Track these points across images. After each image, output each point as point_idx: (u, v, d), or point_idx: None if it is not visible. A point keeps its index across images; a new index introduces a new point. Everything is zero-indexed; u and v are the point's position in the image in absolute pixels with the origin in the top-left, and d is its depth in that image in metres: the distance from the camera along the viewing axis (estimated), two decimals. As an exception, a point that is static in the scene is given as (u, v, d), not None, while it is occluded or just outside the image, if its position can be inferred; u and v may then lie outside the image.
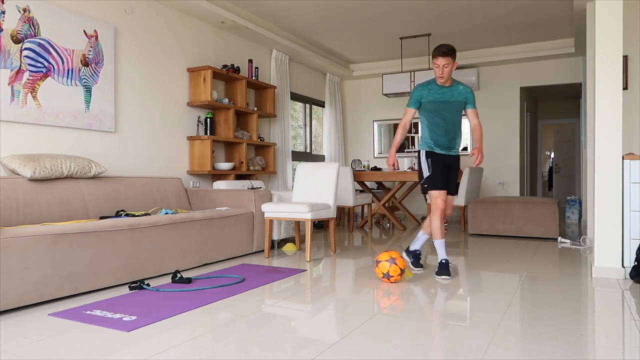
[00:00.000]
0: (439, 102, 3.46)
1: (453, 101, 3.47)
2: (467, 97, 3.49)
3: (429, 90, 3.48)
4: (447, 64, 3.35)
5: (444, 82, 3.44)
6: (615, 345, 1.97)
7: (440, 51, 3.35)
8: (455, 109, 3.49)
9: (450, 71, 3.38)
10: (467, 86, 3.53)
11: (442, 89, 3.47)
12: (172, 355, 1.89)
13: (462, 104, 3.50)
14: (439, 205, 3.42)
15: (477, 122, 3.54)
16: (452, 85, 3.49)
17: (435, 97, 3.46)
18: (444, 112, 3.47)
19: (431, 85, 3.50)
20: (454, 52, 3.36)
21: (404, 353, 1.89)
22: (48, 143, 3.69)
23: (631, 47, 4.88)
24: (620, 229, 3.31)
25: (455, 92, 3.48)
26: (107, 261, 2.96)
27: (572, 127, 10.19)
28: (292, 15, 5.62)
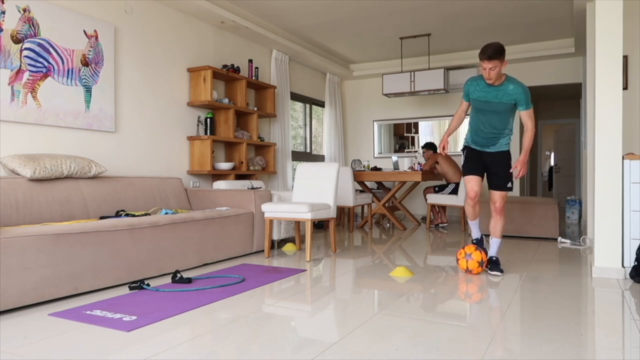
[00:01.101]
0: (481, 101, 3.36)
1: (496, 102, 3.31)
2: (516, 98, 3.27)
3: (475, 86, 3.38)
4: (494, 67, 3.16)
5: (492, 82, 3.28)
6: (615, 345, 1.97)
7: (486, 54, 3.14)
8: (497, 110, 3.34)
9: (497, 72, 3.19)
10: (520, 86, 3.27)
11: (488, 88, 3.32)
12: (172, 355, 1.89)
13: (507, 105, 3.31)
14: (469, 192, 3.47)
15: (528, 126, 3.33)
16: (501, 84, 3.28)
17: (478, 96, 3.37)
18: (486, 112, 3.38)
19: (479, 81, 3.36)
20: (500, 54, 3.14)
21: (404, 353, 1.89)
22: (48, 143, 3.69)
23: (631, 47, 4.88)
24: (620, 229, 3.31)
25: (501, 93, 3.29)
26: (107, 261, 2.96)
27: (572, 127, 10.20)
28: (292, 15, 5.62)
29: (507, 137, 3.46)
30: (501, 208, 3.48)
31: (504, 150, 3.48)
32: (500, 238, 3.56)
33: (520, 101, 3.28)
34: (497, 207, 3.48)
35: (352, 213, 6.07)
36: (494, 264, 3.48)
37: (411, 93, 6.72)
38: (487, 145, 3.48)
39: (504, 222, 3.54)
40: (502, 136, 3.44)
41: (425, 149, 6.52)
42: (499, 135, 3.43)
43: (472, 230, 3.72)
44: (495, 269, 3.43)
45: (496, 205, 3.48)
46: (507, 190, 3.47)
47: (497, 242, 3.57)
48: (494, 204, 3.49)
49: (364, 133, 8.50)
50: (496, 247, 3.57)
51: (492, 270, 3.44)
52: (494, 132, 3.41)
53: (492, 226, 3.56)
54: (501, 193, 3.46)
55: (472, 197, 3.48)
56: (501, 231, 3.55)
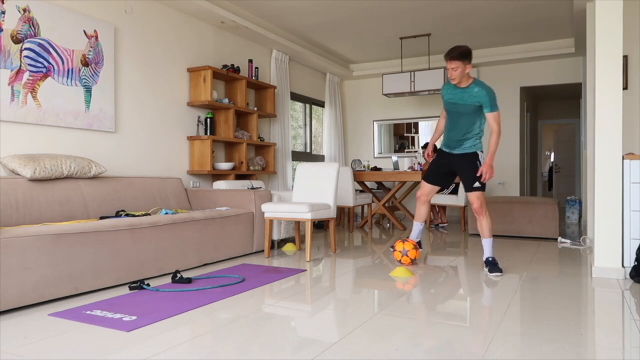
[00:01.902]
0: (450, 103, 3.55)
1: (462, 104, 3.46)
2: (480, 100, 3.41)
3: (447, 89, 3.58)
4: (456, 67, 3.34)
5: (456, 83, 3.44)
6: (615, 345, 1.97)
7: (449, 55, 3.36)
8: (463, 112, 3.47)
9: (460, 73, 3.36)
10: (485, 88, 3.40)
11: (455, 90, 3.49)
12: (172, 355, 1.89)
13: (472, 107, 3.44)
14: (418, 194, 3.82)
15: (494, 128, 3.42)
16: (467, 86, 3.44)
17: (448, 98, 3.55)
18: (453, 114, 3.54)
19: (450, 85, 3.55)
20: (464, 56, 3.33)
21: (404, 353, 1.89)
22: (48, 143, 3.69)
23: (631, 47, 4.88)
24: (620, 229, 3.31)
25: (467, 95, 3.44)
26: (107, 261, 2.96)
27: (572, 127, 10.20)
28: (292, 15, 5.62)
29: (473, 139, 3.54)
30: (479, 208, 3.51)
31: (469, 152, 3.55)
32: (490, 237, 3.56)
33: (485, 103, 3.40)
34: (475, 207, 3.54)
35: (352, 213, 6.07)
36: (492, 265, 3.44)
37: (411, 93, 6.72)
38: (455, 147, 3.60)
39: (488, 221, 3.55)
40: (468, 138, 3.53)
41: (425, 149, 6.52)
42: (466, 137, 3.54)
43: (413, 231, 3.94)
44: (495, 270, 3.39)
45: (474, 207, 3.54)
46: (476, 190, 3.49)
47: (488, 242, 3.56)
48: (472, 206, 3.56)
49: (364, 133, 8.50)
50: (489, 247, 3.55)
51: (492, 272, 3.39)
52: (460, 134, 3.53)
53: (478, 228, 3.62)
54: (474, 194, 3.51)
55: (417, 197, 3.82)
56: (488, 230, 3.55)
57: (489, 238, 3.55)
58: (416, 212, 3.88)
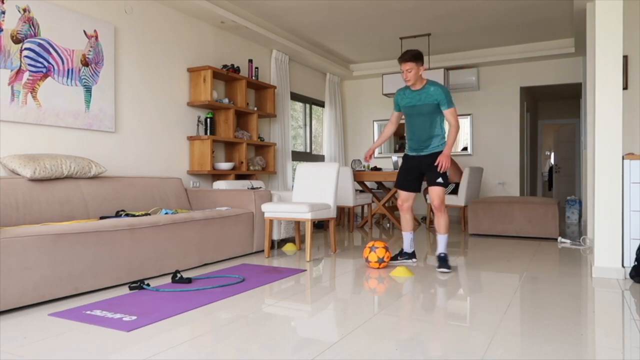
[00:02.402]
0: (409, 107, 3.65)
1: (421, 104, 3.58)
2: (437, 98, 3.53)
3: (403, 95, 3.68)
4: (410, 69, 3.50)
5: (411, 85, 3.58)
6: (615, 345, 1.97)
7: (403, 57, 3.51)
8: (424, 112, 3.58)
9: (414, 75, 3.51)
10: (440, 87, 3.55)
11: (412, 93, 3.61)
12: (172, 355, 1.89)
13: (431, 106, 3.56)
14: (399, 202, 3.81)
15: (452, 122, 3.56)
16: (422, 88, 3.57)
17: (406, 102, 3.66)
18: (414, 116, 3.63)
19: (406, 90, 3.67)
20: (417, 58, 3.49)
21: (404, 353, 1.89)
22: (48, 143, 3.69)
23: (631, 47, 4.88)
24: (620, 229, 3.31)
25: (423, 95, 3.57)
26: (107, 261, 2.96)
27: (572, 127, 10.20)
28: (292, 15, 5.62)
29: (439, 138, 3.64)
30: (439, 205, 3.60)
31: (438, 151, 3.64)
32: (445, 234, 3.64)
33: (442, 100, 3.54)
34: (436, 204, 3.60)
35: (352, 213, 6.07)
36: (442, 261, 3.53)
37: (411, 93, 6.71)
38: (421, 149, 3.67)
39: (445, 219, 3.63)
40: (433, 137, 3.62)
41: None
42: (431, 137, 3.62)
43: (404, 242, 3.87)
44: (444, 266, 3.48)
45: (434, 203, 3.61)
46: (438, 185, 3.58)
47: (443, 239, 3.63)
48: (432, 202, 3.62)
49: (364, 133, 8.50)
50: (443, 244, 3.63)
51: (440, 268, 3.48)
52: (425, 135, 3.61)
53: (435, 224, 3.69)
54: (435, 189, 3.58)
55: (399, 206, 3.81)
56: (445, 227, 3.63)
57: (445, 235, 3.63)
58: (402, 222, 3.87)
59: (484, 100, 7.59)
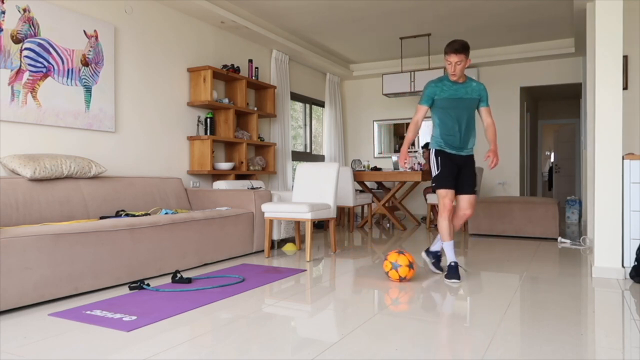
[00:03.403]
0: (452, 100, 3.34)
1: (467, 98, 3.35)
2: (480, 94, 3.38)
3: (442, 86, 3.36)
4: (460, 61, 3.25)
5: (456, 79, 3.33)
6: (615, 345, 1.97)
7: (453, 48, 3.23)
8: (468, 107, 3.37)
9: (462, 68, 3.27)
10: (480, 83, 3.43)
11: (456, 86, 3.35)
12: (172, 355, 1.89)
13: (475, 101, 3.38)
14: (446, 205, 3.31)
15: (490, 120, 3.43)
16: (465, 81, 3.37)
17: (448, 94, 3.35)
18: (457, 110, 3.35)
19: (444, 81, 3.38)
20: (467, 49, 3.25)
21: (404, 353, 1.89)
22: (48, 143, 3.69)
23: (631, 47, 4.88)
24: (620, 229, 3.31)
25: (469, 89, 3.36)
26: (107, 261, 2.96)
27: (572, 127, 10.19)
28: (292, 15, 5.62)
29: (475, 137, 3.47)
30: (471, 215, 3.41)
31: (472, 154, 3.48)
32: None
33: (484, 97, 3.41)
34: (469, 214, 3.38)
35: (352, 213, 6.07)
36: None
37: (411, 93, 6.72)
38: (462, 148, 3.40)
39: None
40: (471, 136, 3.43)
41: (425, 149, 6.52)
42: (470, 136, 3.42)
43: (449, 254, 3.33)
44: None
45: (468, 213, 3.38)
46: (474, 194, 3.42)
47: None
48: (463, 211, 3.37)
49: (364, 133, 8.50)
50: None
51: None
52: (467, 132, 3.39)
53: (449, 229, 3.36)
54: (471, 197, 3.37)
55: (449, 209, 3.32)
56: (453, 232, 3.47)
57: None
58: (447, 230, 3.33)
59: (484, 100, 7.58)
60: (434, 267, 3.50)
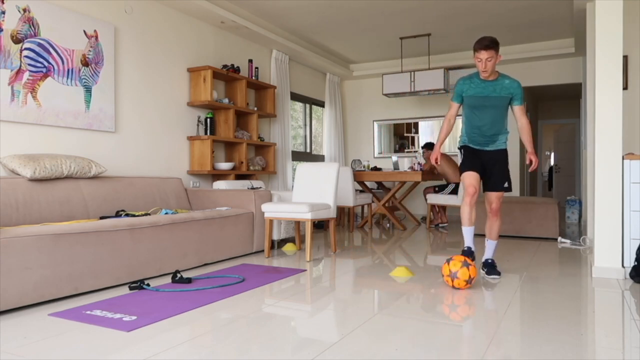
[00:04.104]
0: (478, 97, 3.31)
1: (494, 96, 3.27)
2: (512, 92, 3.26)
3: (470, 84, 3.33)
4: (490, 57, 3.15)
5: (487, 76, 3.26)
6: (615, 345, 1.97)
7: (483, 44, 3.14)
8: (496, 105, 3.29)
9: (493, 65, 3.19)
10: (515, 80, 3.28)
11: (484, 83, 3.29)
12: (172, 355, 1.89)
13: (505, 99, 3.28)
14: (467, 188, 3.31)
15: (524, 121, 3.32)
16: (496, 79, 3.28)
17: (475, 92, 3.31)
18: (483, 108, 3.32)
19: (473, 78, 3.33)
20: (497, 45, 3.16)
21: (404, 353, 1.89)
22: (48, 143, 3.69)
23: (631, 47, 4.88)
24: (620, 229, 3.31)
25: (498, 87, 3.27)
26: (107, 261, 2.96)
27: (572, 127, 10.19)
28: (292, 15, 5.62)
29: (505, 134, 3.40)
30: (498, 209, 3.38)
31: (503, 148, 3.41)
32: (497, 240, 3.45)
33: (517, 95, 3.29)
34: (494, 208, 3.37)
35: (352, 213, 6.07)
36: (490, 267, 3.35)
37: (411, 93, 6.72)
38: (487, 143, 3.40)
39: (500, 224, 3.43)
40: (501, 133, 3.38)
41: (425, 149, 6.53)
42: (499, 132, 3.37)
43: (466, 238, 3.43)
44: (493, 272, 3.31)
45: (493, 207, 3.37)
46: (504, 191, 3.37)
47: (494, 245, 3.45)
48: (490, 205, 3.38)
49: (364, 133, 8.50)
50: (492, 249, 3.45)
51: (490, 275, 3.31)
52: (494, 129, 3.35)
53: (488, 228, 3.45)
54: (498, 194, 3.36)
55: (471, 194, 3.31)
56: (497, 233, 3.44)
57: (496, 240, 3.43)
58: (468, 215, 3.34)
59: (484, 100, 7.58)
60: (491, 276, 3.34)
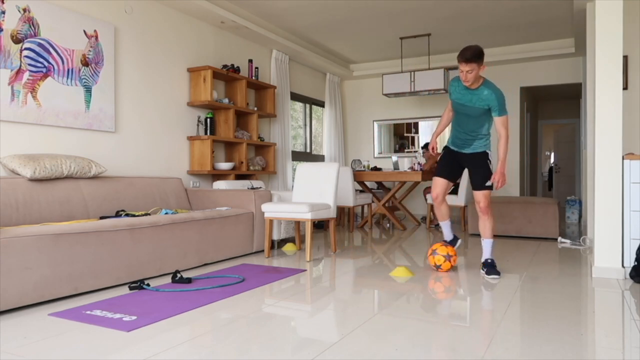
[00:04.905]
0: (458, 104, 3.41)
1: (470, 106, 3.33)
2: (489, 104, 3.27)
3: (455, 87, 3.41)
4: (471, 70, 3.16)
5: (469, 85, 3.29)
6: (615, 345, 1.97)
7: (464, 57, 3.15)
8: (472, 114, 3.36)
9: (474, 76, 3.20)
10: (495, 91, 3.25)
11: (465, 91, 3.34)
12: (172, 355, 1.89)
13: (480, 110, 3.31)
14: (432, 193, 3.60)
15: (502, 133, 3.30)
16: (477, 88, 3.28)
17: (456, 97, 3.40)
18: (461, 114, 3.43)
19: (459, 83, 3.38)
20: (478, 57, 3.15)
21: (404, 353, 1.89)
22: (48, 143, 3.69)
23: (631, 47, 4.88)
24: (620, 229, 3.31)
25: (475, 97, 3.29)
26: (107, 261, 2.96)
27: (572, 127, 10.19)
28: (292, 15, 5.62)
29: (483, 140, 3.47)
30: (485, 208, 3.42)
31: (480, 151, 3.48)
32: (491, 238, 3.47)
33: (494, 107, 3.27)
34: (481, 207, 3.44)
35: (352, 213, 6.07)
36: (490, 267, 3.38)
37: (411, 93, 6.72)
38: (463, 146, 3.52)
39: (492, 222, 3.47)
40: (476, 139, 3.46)
41: (425, 149, 6.52)
42: (474, 138, 3.46)
43: (444, 232, 3.78)
44: (493, 272, 3.32)
45: (480, 206, 3.43)
46: (486, 189, 3.41)
47: (489, 243, 3.47)
48: (477, 204, 3.45)
49: (364, 133, 8.50)
50: (489, 249, 3.47)
51: (490, 274, 3.33)
52: (468, 135, 3.45)
53: (481, 227, 3.51)
54: (482, 192, 3.41)
55: (434, 198, 3.59)
56: (490, 231, 3.47)
57: (491, 239, 3.47)
58: (437, 213, 3.66)
59: (484, 100, 7.58)
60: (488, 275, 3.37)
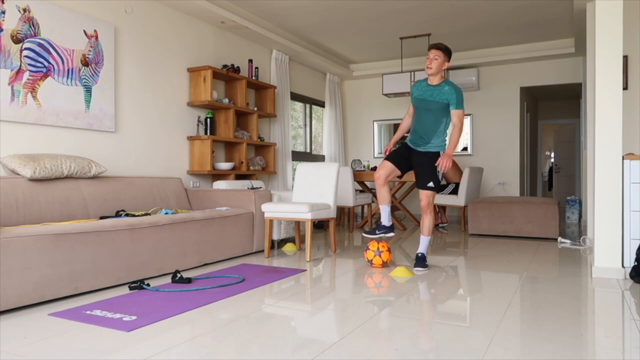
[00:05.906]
0: (420, 100, 3.61)
1: (431, 100, 3.55)
2: (448, 97, 3.49)
3: (418, 86, 3.66)
4: (437, 57, 3.45)
5: (431, 73, 3.50)
6: (615, 345, 1.97)
7: (434, 45, 3.48)
8: (431, 109, 3.55)
9: (438, 65, 3.46)
10: (454, 87, 3.51)
11: (427, 87, 3.58)
12: (172, 355, 1.89)
13: (441, 104, 3.53)
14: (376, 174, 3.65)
15: (456, 123, 3.51)
16: (438, 84, 3.54)
17: (418, 94, 3.62)
18: (422, 110, 3.61)
19: (422, 82, 3.65)
20: (446, 50, 3.47)
21: (404, 353, 1.89)
22: (48, 143, 3.69)
23: (631, 47, 4.88)
24: (620, 229, 3.31)
25: (436, 92, 3.53)
26: (107, 261, 2.96)
27: (572, 127, 10.19)
28: (292, 15, 5.62)
29: (439, 139, 3.60)
30: (425, 207, 3.61)
31: (433, 151, 3.61)
32: (429, 235, 3.67)
33: (452, 100, 3.49)
34: (423, 205, 3.62)
35: (352, 213, 6.07)
36: (419, 260, 3.60)
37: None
38: (419, 144, 3.64)
39: (430, 221, 3.64)
40: (433, 137, 3.59)
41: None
42: (431, 135, 3.59)
43: (382, 215, 3.78)
44: (419, 265, 3.55)
45: (422, 204, 3.62)
46: (428, 190, 3.57)
47: (425, 240, 3.67)
48: (420, 202, 3.63)
49: (364, 133, 8.50)
50: (425, 245, 3.67)
51: (416, 267, 3.55)
52: (426, 131, 3.59)
53: (421, 224, 3.71)
54: (425, 192, 3.59)
55: (376, 178, 3.65)
56: (428, 229, 3.66)
57: (428, 236, 3.67)
58: (378, 195, 3.73)
59: (484, 100, 7.59)
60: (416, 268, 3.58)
